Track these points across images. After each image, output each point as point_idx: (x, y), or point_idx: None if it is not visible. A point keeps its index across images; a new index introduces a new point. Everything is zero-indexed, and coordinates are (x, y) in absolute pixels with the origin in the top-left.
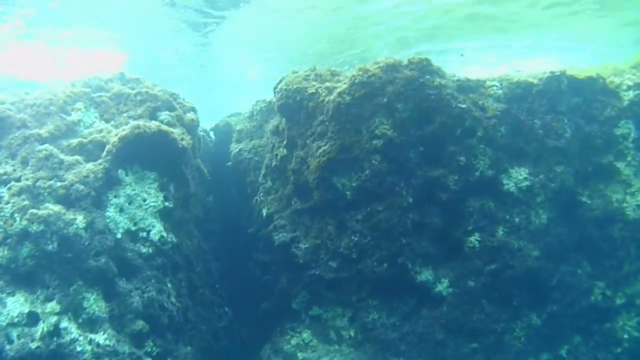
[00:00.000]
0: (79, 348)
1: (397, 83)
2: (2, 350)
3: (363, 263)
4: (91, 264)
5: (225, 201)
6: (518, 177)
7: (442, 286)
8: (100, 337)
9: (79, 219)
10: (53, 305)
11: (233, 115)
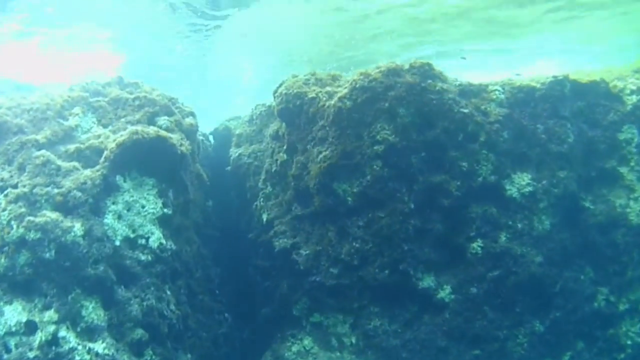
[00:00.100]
0: (78, 357)
1: (399, 88)
2: (0, 359)
3: (364, 270)
4: (89, 272)
5: (224, 206)
6: (521, 183)
7: (444, 293)
8: (99, 346)
9: (77, 227)
10: (51, 313)
11: (232, 119)
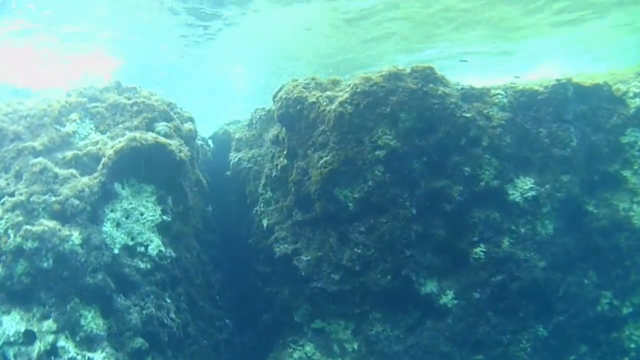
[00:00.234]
0: None
1: (400, 92)
2: None
3: (366, 275)
4: (88, 281)
5: (224, 211)
6: (524, 187)
7: (447, 298)
8: (98, 356)
9: (75, 235)
10: (50, 323)
11: (232, 123)
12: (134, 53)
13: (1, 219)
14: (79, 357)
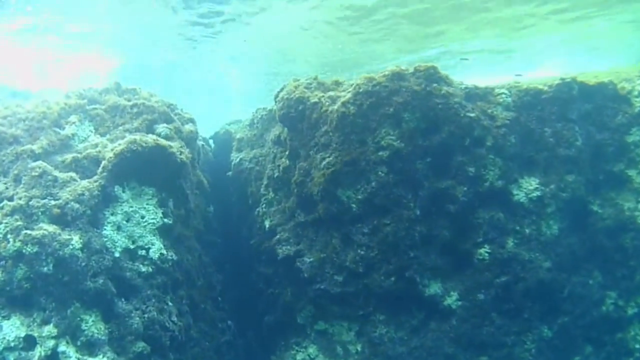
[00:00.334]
0: None
1: (404, 92)
2: None
3: (370, 277)
4: (89, 285)
5: (226, 211)
6: (528, 187)
7: (451, 299)
8: None
9: (75, 239)
10: (50, 328)
11: (233, 122)
12: (133, 52)
13: (0, 224)
14: None
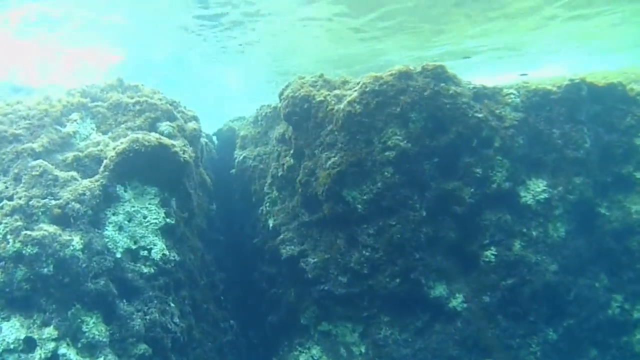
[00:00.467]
0: None
1: (411, 91)
2: None
3: (374, 279)
4: (90, 287)
5: (229, 209)
6: (536, 189)
7: (457, 301)
8: None
9: (76, 240)
10: (50, 330)
11: (236, 119)
12: (137, 46)
13: (0, 224)
14: None
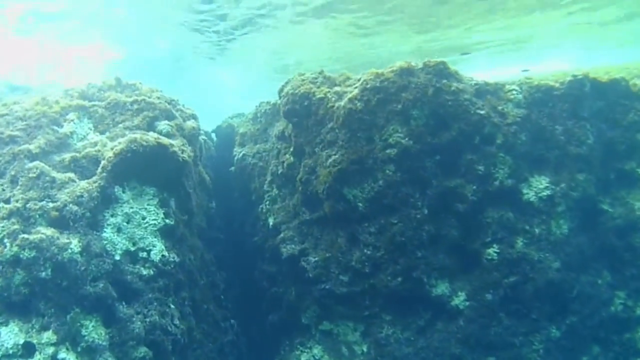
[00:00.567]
0: None
1: (413, 88)
2: None
3: (376, 277)
4: (88, 290)
5: (228, 206)
6: (538, 186)
7: (459, 300)
8: None
9: (74, 243)
10: (49, 334)
11: (236, 116)
12: (136, 44)
13: None
14: None
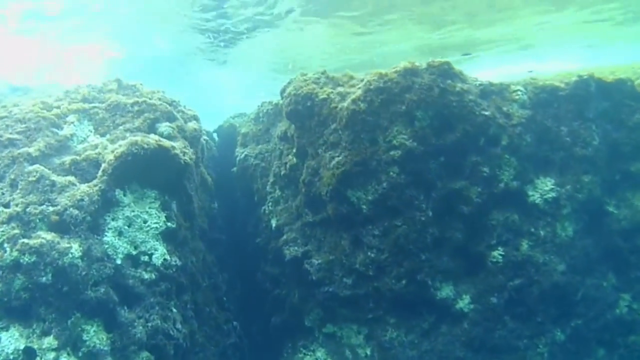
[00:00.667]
0: None
1: (417, 89)
2: None
3: (380, 280)
4: (89, 295)
5: (230, 207)
6: (544, 188)
7: (463, 302)
8: None
9: (75, 248)
10: (50, 340)
11: (237, 116)
12: (137, 43)
13: None
14: None
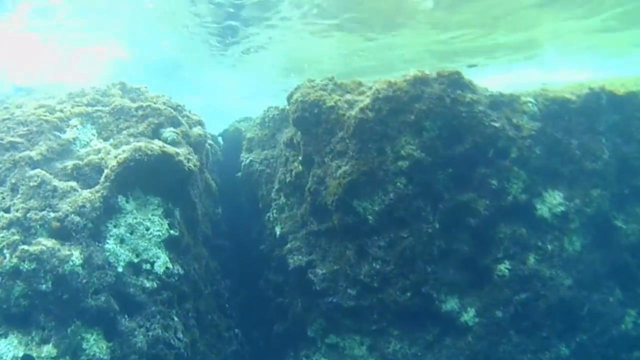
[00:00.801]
0: None
1: (426, 99)
2: None
3: (385, 292)
4: (90, 303)
5: (235, 212)
6: (552, 202)
7: (468, 316)
8: None
9: (75, 255)
10: (49, 348)
11: (243, 120)
12: (142, 45)
13: None
14: None
